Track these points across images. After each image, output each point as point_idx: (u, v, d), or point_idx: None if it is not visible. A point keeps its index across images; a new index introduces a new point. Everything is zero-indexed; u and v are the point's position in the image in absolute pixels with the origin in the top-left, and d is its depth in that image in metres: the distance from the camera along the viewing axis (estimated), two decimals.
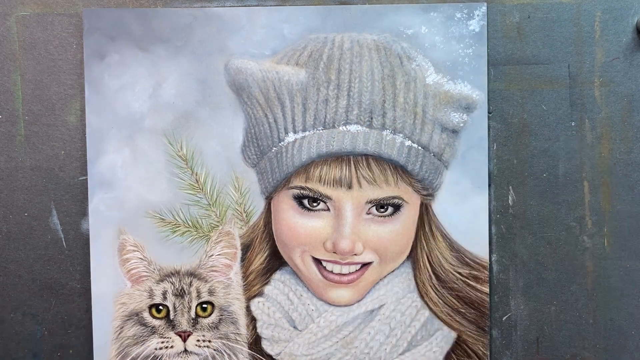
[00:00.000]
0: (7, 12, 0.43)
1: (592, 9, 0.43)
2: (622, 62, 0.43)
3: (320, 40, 0.42)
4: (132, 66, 0.42)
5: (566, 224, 0.43)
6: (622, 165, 0.43)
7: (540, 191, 0.43)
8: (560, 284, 0.43)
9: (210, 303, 0.43)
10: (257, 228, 0.43)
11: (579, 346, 0.44)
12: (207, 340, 0.43)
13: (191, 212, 0.43)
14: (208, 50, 0.42)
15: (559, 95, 0.43)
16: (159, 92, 0.43)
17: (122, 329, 0.43)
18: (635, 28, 0.42)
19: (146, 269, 0.43)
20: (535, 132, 0.43)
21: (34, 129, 0.43)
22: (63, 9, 0.43)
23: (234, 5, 0.43)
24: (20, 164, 0.43)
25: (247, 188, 0.43)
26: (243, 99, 0.43)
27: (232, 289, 0.43)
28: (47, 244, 0.43)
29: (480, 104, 0.42)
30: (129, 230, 0.43)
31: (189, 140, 0.43)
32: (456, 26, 0.42)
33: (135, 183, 0.43)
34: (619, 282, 0.43)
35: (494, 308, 0.44)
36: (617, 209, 0.43)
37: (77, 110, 0.43)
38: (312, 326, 0.43)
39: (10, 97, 0.43)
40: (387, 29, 0.42)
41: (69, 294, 0.44)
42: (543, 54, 0.43)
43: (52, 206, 0.43)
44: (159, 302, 0.43)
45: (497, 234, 0.43)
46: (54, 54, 0.43)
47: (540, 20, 0.43)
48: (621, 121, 0.43)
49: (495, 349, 0.44)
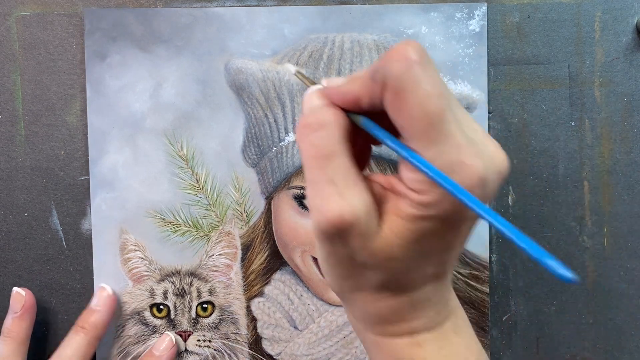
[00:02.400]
0: (7, 12, 0.43)
1: (592, 9, 0.43)
2: (622, 62, 0.43)
3: (321, 40, 0.42)
4: (133, 66, 0.42)
5: (566, 224, 0.43)
6: (622, 165, 0.43)
7: (540, 191, 0.43)
8: (560, 284, 0.43)
9: (210, 303, 0.43)
10: (257, 228, 0.43)
11: (578, 346, 0.44)
12: (207, 340, 0.43)
13: (192, 212, 0.43)
14: (208, 50, 0.42)
15: (559, 95, 0.43)
16: (160, 92, 0.43)
17: (124, 328, 0.43)
18: (635, 28, 0.43)
19: (147, 269, 0.43)
20: (535, 132, 0.43)
21: (34, 129, 0.43)
22: (63, 9, 0.43)
23: (234, 5, 0.43)
24: (20, 164, 0.43)
25: (248, 188, 0.43)
26: (243, 99, 0.43)
27: (232, 289, 0.43)
28: (47, 244, 0.43)
29: (480, 104, 0.43)
30: (130, 230, 0.43)
31: (190, 140, 0.43)
32: (456, 26, 0.42)
33: (136, 183, 0.43)
34: (619, 282, 0.43)
35: (493, 308, 0.44)
36: (617, 209, 0.43)
37: (77, 110, 0.43)
38: (313, 326, 0.43)
39: (10, 97, 0.43)
40: (388, 29, 0.42)
41: (69, 294, 0.44)
42: (543, 54, 0.43)
43: (53, 206, 0.43)
44: (159, 302, 0.43)
45: (497, 234, 0.43)
46: (54, 54, 0.43)
47: (540, 20, 0.43)
48: (621, 121, 0.43)
49: (495, 349, 0.44)
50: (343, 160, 0.28)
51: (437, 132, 0.25)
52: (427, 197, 0.26)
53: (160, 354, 0.41)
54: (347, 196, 0.27)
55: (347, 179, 0.27)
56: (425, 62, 0.25)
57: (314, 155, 0.28)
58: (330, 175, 0.27)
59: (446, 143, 0.25)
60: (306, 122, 0.28)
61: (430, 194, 0.26)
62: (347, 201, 0.27)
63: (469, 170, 0.25)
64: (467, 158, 0.25)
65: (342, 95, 0.29)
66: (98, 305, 0.41)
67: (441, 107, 0.25)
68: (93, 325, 0.41)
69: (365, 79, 0.27)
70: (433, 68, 0.25)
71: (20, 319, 0.41)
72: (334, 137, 0.28)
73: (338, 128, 0.28)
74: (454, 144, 0.25)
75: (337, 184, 0.27)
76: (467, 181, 0.25)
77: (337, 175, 0.27)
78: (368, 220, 0.27)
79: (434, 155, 0.25)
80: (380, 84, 0.26)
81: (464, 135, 0.26)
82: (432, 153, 0.25)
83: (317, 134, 0.28)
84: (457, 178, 0.25)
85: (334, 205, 0.27)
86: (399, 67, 0.25)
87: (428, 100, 0.25)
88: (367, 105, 0.28)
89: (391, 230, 0.28)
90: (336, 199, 0.27)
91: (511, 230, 0.24)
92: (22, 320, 0.41)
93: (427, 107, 0.25)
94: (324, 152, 0.27)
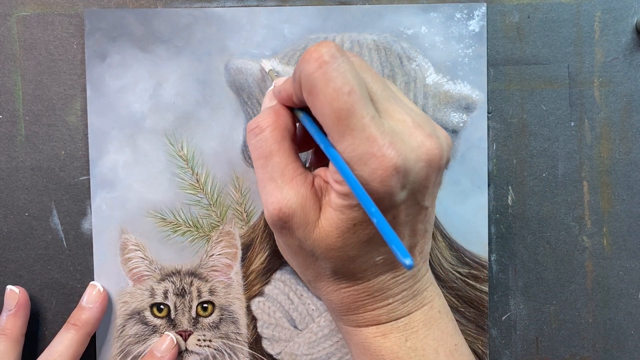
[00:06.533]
0: (7, 12, 0.43)
1: (592, 9, 0.43)
2: (621, 62, 0.43)
3: (321, 40, 0.42)
4: (133, 67, 0.42)
5: (565, 223, 0.43)
6: (621, 165, 0.43)
7: (540, 191, 0.43)
8: (559, 284, 0.43)
9: (210, 303, 0.43)
10: (257, 228, 0.43)
11: (578, 345, 0.44)
12: (207, 340, 0.43)
13: (192, 211, 0.43)
14: (208, 50, 0.42)
15: (559, 95, 0.43)
16: (160, 92, 0.43)
17: (124, 328, 0.43)
18: (635, 28, 0.43)
19: (147, 269, 0.43)
20: (535, 132, 0.43)
21: (35, 129, 0.43)
22: (64, 9, 0.43)
23: (234, 6, 0.43)
24: (20, 164, 0.43)
25: (248, 188, 0.43)
26: (243, 99, 0.43)
27: (232, 288, 0.43)
28: (48, 244, 0.43)
29: (479, 104, 0.43)
30: (131, 230, 0.43)
31: (190, 140, 0.43)
32: (456, 26, 0.42)
33: (137, 183, 0.43)
34: (619, 282, 0.44)
35: (493, 307, 0.44)
36: (616, 209, 0.43)
37: (78, 110, 0.43)
38: (313, 326, 0.43)
39: (10, 97, 0.43)
40: (387, 29, 0.42)
41: (70, 293, 0.44)
42: (543, 54, 0.43)
43: (53, 206, 0.43)
44: (160, 302, 0.43)
45: (496, 233, 0.43)
46: (54, 54, 0.43)
47: (540, 21, 0.43)
48: (620, 121, 0.43)
49: (494, 348, 0.44)
50: (281, 159, 0.31)
51: (345, 126, 0.27)
52: (346, 188, 0.28)
53: (162, 355, 0.42)
54: (284, 190, 0.30)
55: (285, 175, 0.30)
56: (337, 62, 0.27)
57: (257, 156, 0.31)
58: (270, 172, 0.31)
59: (355, 136, 0.27)
60: (250, 127, 0.32)
61: (347, 184, 0.28)
62: (284, 195, 0.30)
63: (379, 161, 0.27)
64: (377, 149, 0.27)
65: (280, 95, 0.32)
66: (89, 303, 0.42)
67: (349, 103, 0.27)
68: (84, 323, 0.41)
69: (291, 79, 0.30)
70: (347, 67, 0.27)
71: (14, 316, 0.41)
72: (272, 138, 0.31)
73: (275, 130, 0.31)
74: (363, 137, 0.27)
75: (276, 180, 0.30)
76: (379, 171, 0.27)
77: (275, 173, 0.30)
78: (305, 213, 0.30)
79: (345, 147, 0.27)
80: (298, 83, 0.29)
81: (378, 128, 0.27)
82: (343, 146, 0.27)
83: (258, 137, 0.31)
84: (367, 169, 0.27)
85: (274, 199, 0.30)
86: (310, 68, 0.27)
87: (336, 97, 0.27)
88: (297, 102, 0.31)
89: (327, 221, 0.30)
90: (276, 194, 0.30)
91: (381, 225, 0.26)
92: (17, 317, 0.41)
93: (335, 104, 0.27)
94: (264, 152, 0.31)
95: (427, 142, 0.28)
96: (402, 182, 0.28)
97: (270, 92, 0.35)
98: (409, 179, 0.28)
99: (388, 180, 0.27)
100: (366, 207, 0.26)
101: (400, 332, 0.33)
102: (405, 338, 0.33)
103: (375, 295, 0.32)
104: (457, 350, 0.34)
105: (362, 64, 0.30)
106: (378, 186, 0.27)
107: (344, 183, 0.28)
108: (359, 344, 0.34)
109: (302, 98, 0.29)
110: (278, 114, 0.32)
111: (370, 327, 0.33)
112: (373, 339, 0.33)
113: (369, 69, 0.30)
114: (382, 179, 0.27)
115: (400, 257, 0.25)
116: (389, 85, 0.31)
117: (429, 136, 0.29)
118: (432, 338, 0.33)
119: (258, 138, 0.31)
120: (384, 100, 0.29)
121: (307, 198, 0.30)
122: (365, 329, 0.33)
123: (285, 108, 0.32)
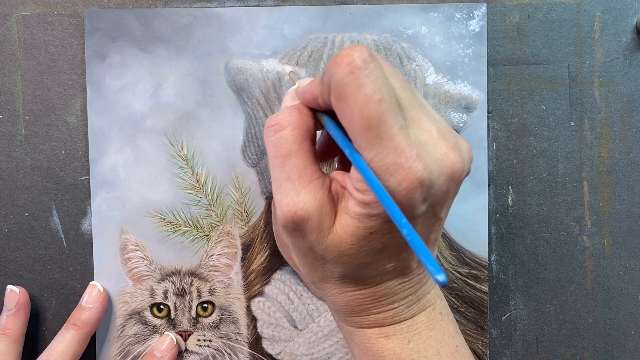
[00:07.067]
0: (7, 12, 0.43)
1: (592, 9, 0.43)
2: (621, 62, 0.43)
3: (321, 40, 0.42)
4: (133, 67, 0.42)
5: (565, 223, 0.43)
6: (621, 165, 0.43)
7: (540, 191, 0.43)
8: (559, 284, 0.43)
9: (210, 303, 0.43)
10: (257, 228, 0.43)
11: (578, 345, 0.44)
12: (207, 340, 0.43)
13: (192, 211, 0.43)
14: (208, 50, 0.42)
15: (559, 95, 0.43)
16: (160, 92, 0.43)
17: (124, 328, 0.43)
18: (635, 28, 0.43)
19: (147, 269, 0.43)
20: (535, 132, 0.43)
21: (35, 129, 0.43)
22: (64, 9, 0.43)
23: (234, 6, 0.43)
24: (20, 164, 0.43)
25: (248, 188, 0.43)
26: (243, 99, 0.43)
27: (232, 288, 0.43)
28: (48, 244, 0.43)
29: (479, 104, 0.43)
30: (131, 230, 0.43)
31: (190, 140, 0.43)
32: (456, 26, 0.42)
33: (137, 183, 0.43)
34: (618, 282, 0.44)
35: (493, 307, 0.44)
36: (616, 209, 0.43)
37: (78, 110, 0.43)
38: (313, 326, 0.43)
39: (10, 97, 0.43)
40: (387, 29, 0.42)
41: (70, 293, 0.44)
42: (543, 54, 0.43)
43: (53, 206, 0.43)
44: (160, 302, 0.43)
45: (496, 233, 0.43)
46: (54, 54, 0.43)
47: (540, 21, 0.43)
48: (620, 121, 0.43)
49: (494, 348, 0.44)
50: (300, 160, 0.30)
51: (374, 135, 0.26)
52: (368, 197, 0.27)
53: (162, 355, 0.42)
54: (301, 193, 0.29)
55: (303, 177, 0.29)
56: (369, 68, 0.26)
57: (275, 154, 0.30)
58: (287, 172, 0.30)
59: (384, 146, 0.26)
60: (269, 123, 0.30)
61: (370, 194, 0.27)
62: (301, 198, 0.29)
63: (406, 173, 0.26)
64: (405, 161, 0.26)
65: (304, 96, 0.31)
66: (89, 303, 0.42)
67: (380, 112, 0.26)
68: (84, 323, 0.41)
69: (319, 81, 0.29)
70: (378, 73, 0.26)
71: (14, 316, 0.41)
72: (292, 137, 0.30)
73: (297, 129, 0.30)
74: (392, 146, 0.26)
75: (294, 181, 0.29)
76: (405, 184, 0.26)
77: (293, 174, 0.29)
78: (321, 217, 0.29)
79: (372, 156, 0.27)
80: (327, 87, 0.28)
81: (406, 138, 0.26)
82: (371, 155, 0.27)
83: (278, 134, 0.30)
84: (394, 180, 0.26)
85: (289, 200, 0.29)
86: (341, 72, 0.26)
87: (367, 105, 0.26)
88: (323, 105, 0.30)
89: (342, 228, 0.29)
90: (292, 196, 0.29)
91: (412, 237, 0.25)
92: (17, 317, 0.41)
93: (365, 111, 0.26)
94: (283, 151, 0.30)
95: (451, 155, 0.28)
96: (425, 196, 0.27)
97: (292, 92, 0.34)
98: (431, 192, 0.27)
99: (412, 193, 0.27)
100: (395, 219, 0.25)
101: (403, 334, 0.33)
102: (408, 340, 0.32)
103: (381, 300, 0.32)
104: (458, 351, 0.34)
105: (390, 69, 0.29)
106: (402, 198, 0.27)
107: (366, 192, 0.27)
108: (360, 344, 0.34)
109: (328, 102, 0.28)
110: (301, 114, 0.30)
111: (373, 329, 0.33)
112: (376, 340, 0.33)
113: (397, 75, 0.29)
114: (407, 191, 0.26)
115: (433, 272, 0.24)
116: (415, 92, 0.31)
117: (452, 149, 0.28)
118: (434, 339, 0.33)
119: (278, 135, 0.30)
120: (411, 108, 0.28)
121: (324, 203, 0.29)
122: (368, 330, 0.33)
123: (308, 109, 0.31)
